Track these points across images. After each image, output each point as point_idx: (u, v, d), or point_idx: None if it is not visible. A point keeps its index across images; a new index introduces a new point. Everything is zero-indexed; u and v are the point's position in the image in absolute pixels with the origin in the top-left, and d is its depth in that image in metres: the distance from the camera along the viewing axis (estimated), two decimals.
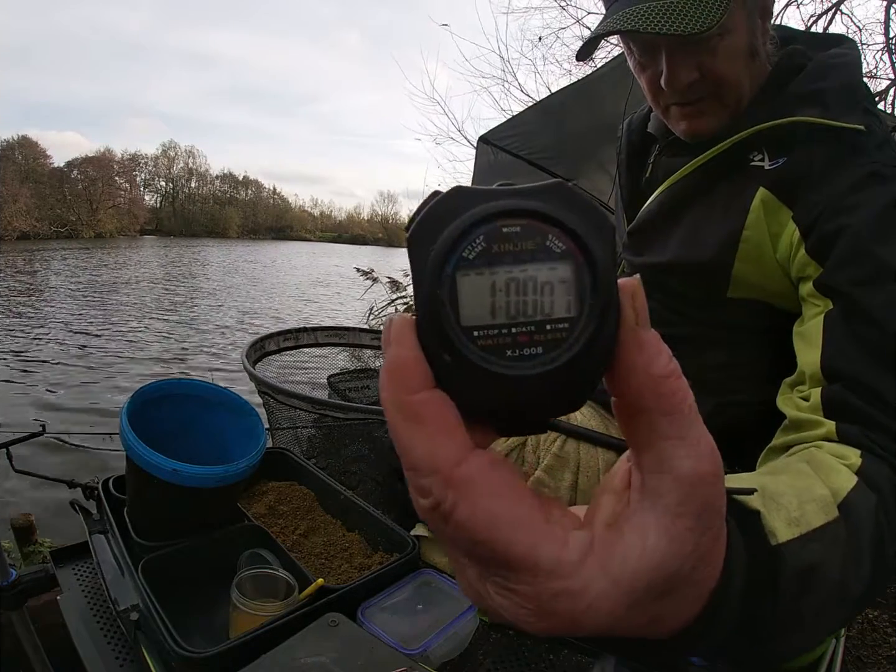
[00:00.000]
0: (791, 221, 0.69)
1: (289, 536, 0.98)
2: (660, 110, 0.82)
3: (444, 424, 0.19)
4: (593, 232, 0.18)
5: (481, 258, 0.18)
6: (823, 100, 0.69)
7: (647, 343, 0.19)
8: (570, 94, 1.93)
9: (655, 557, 0.20)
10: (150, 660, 0.70)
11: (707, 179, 0.79)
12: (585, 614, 0.19)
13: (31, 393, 4.72)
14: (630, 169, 0.96)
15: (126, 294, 10.88)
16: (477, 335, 0.18)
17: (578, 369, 0.18)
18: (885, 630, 1.86)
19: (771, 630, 0.33)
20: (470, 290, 0.18)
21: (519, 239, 0.18)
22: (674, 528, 0.20)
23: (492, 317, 0.18)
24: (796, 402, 0.61)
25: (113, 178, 45.97)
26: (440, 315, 0.18)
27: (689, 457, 0.20)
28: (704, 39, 0.70)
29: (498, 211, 0.18)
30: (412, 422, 0.18)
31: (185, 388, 1.01)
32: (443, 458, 0.18)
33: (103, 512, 0.96)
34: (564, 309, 0.18)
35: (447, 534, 0.19)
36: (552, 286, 0.18)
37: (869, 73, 3.88)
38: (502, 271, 0.18)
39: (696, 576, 0.22)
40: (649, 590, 0.20)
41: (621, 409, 0.21)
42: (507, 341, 0.18)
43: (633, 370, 0.19)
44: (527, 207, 0.18)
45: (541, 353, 0.18)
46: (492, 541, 0.18)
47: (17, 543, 1.93)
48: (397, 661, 0.63)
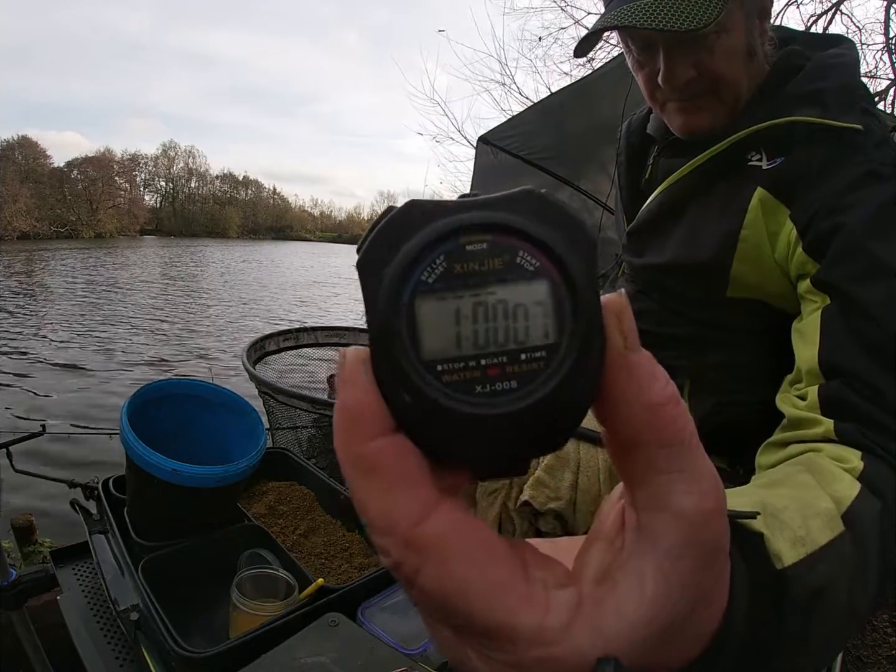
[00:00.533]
0: (789, 220, 0.69)
1: (289, 536, 0.98)
2: (657, 107, 0.82)
3: (402, 476, 0.16)
4: (570, 245, 0.16)
5: (443, 281, 0.16)
6: (822, 100, 0.70)
7: (638, 368, 0.17)
8: (570, 93, 1.93)
9: (655, 607, 0.18)
10: (150, 660, 0.71)
11: (705, 180, 0.79)
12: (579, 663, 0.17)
13: (31, 393, 4.72)
14: (630, 170, 0.96)
15: (126, 294, 10.88)
16: (440, 370, 0.15)
17: (560, 404, 0.16)
18: (885, 630, 1.86)
19: (776, 657, 0.31)
20: (431, 318, 0.15)
21: (485, 257, 0.16)
22: (674, 573, 0.18)
23: (457, 348, 0.16)
24: (793, 401, 0.61)
25: (113, 178, 46.00)
26: (397, 348, 0.15)
27: (691, 493, 0.18)
28: (702, 37, 0.70)
29: (459, 226, 0.16)
30: (366, 474, 0.16)
31: (185, 388, 1.01)
32: (401, 515, 0.16)
33: (103, 512, 0.96)
34: (541, 335, 0.16)
35: (413, 598, 0.17)
36: (526, 309, 0.16)
37: (869, 73, 3.89)
38: (468, 295, 0.16)
39: (697, 617, 0.20)
40: (647, 640, 0.18)
41: (614, 443, 0.19)
42: (476, 375, 0.16)
43: (624, 400, 0.17)
44: (492, 220, 0.16)
45: (515, 388, 0.16)
46: (464, 609, 0.16)
47: (17, 543, 1.93)
48: (397, 661, 0.63)
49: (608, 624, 0.17)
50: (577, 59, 1.04)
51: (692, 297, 0.82)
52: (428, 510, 0.16)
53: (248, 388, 1.82)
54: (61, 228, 35.79)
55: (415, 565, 0.16)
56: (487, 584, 0.16)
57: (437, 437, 0.16)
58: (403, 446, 0.16)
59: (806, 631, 0.33)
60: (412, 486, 0.16)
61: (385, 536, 0.16)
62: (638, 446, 0.17)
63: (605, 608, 0.17)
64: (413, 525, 0.16)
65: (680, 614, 0.18)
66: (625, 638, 0.17)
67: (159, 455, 0.81)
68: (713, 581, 0.20)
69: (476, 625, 0.16)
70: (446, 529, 0.16)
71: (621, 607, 0.17)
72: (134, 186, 50.83)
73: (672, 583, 0.18)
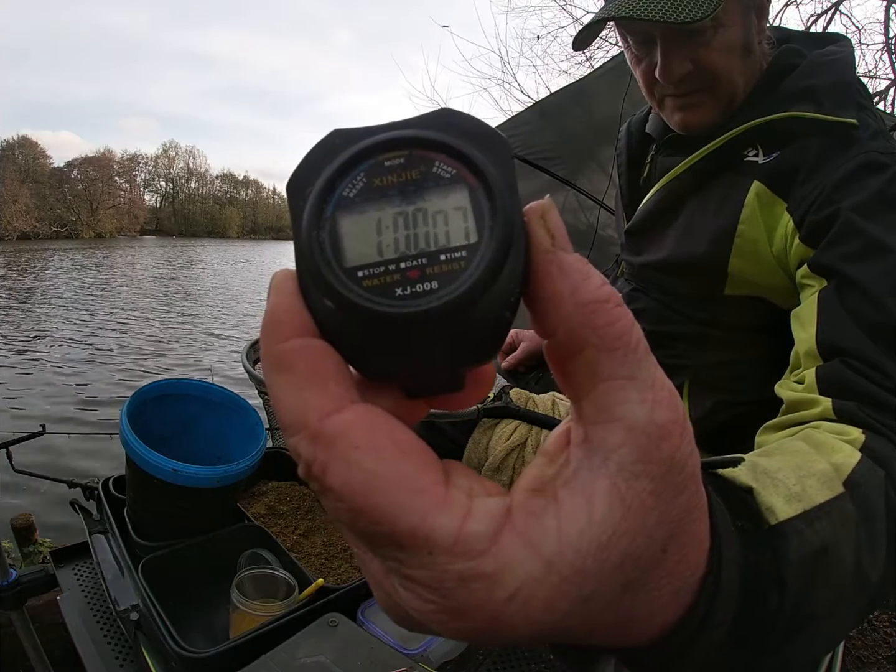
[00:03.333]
0: (786, 213, 0.69)
1: (289, 536, 0.98)
2: (654, 102, 0.83)
3: (316, 375, 0.16)
4: (485, 152, 0.16)
5: (363, 195, 0.16)
6: (816, 96, 0.70)
7: (569, 266, 0.16)
8: (568, 94, 1.93)
9: (607, 531, 0.15)
10: (150, 660, 0.71)
11: (702, 176, 0.79)
12: (509, 608, 0.15)
13: (31, 393, 4.72)
14: (630, 170, 0.96)
15: (125, 294, 10.88)
16: (361, 276, 0.16)
17: (482, 301, 0.15)
18: (885, 630, 1.86)
19: (779, 633, 0.27)
20: (352, 229, 0.16)
21: (403, 170, 0.16)
22: (630, 495, 0.16)
23: (378, 255, 0.16)
24: (791, 385, 0.60)
25: (113, 178, 46.03)
26: (318, 257, 0.16)
27: (644, 401, 0.16)
28: (699, 32, 0.71)
29: (376, 143, 0.16)
30: (280, 372, 0.16)
31: (185, 388, 1.01)
32: (311, 409, 0.15)
33: (103, 512, 0.96)
34: (462, 237, 0.16)
35: (327, 507, 0.16)
36: (445, 215, 0.16)
37: (869, 73, 3.89)
38: (388, 207, 0.16)
39: (670, 560, 0.18)
40: (607, 575, 0.16)
41: (554, 355, 0.17)
42: (397, 278, 0.16)
43: (557, 296, 0.16)
44: (407, 136, 0.16)
45: (436, 288, 0.15)
46: (371, 508, 0.15)
47: (17, 543, 1.93)
48: (397, 661, 0.63)
49: (546, 542, 0.15)
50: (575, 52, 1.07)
51: (691, 294, 0.82)
52: (340, 406, 0.15)
53: (248, 389, 1.82)
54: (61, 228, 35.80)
55: (322, 462, 0.15)
56: (398, 478, 0.15)
57: (359, 344, 0.16)
58: (321, 348, 0.16)
59: (811, 598, 0.29)
60: (325, 385, 0.16)
61: (296, 435, 0.16)
62: (579, 350, 0.16)
63: (542, 523, 0.15)
64: (322, 418, 0.15)
65: (642, 553, 0.16)
66: (567, 564, 0.15)
67: (159, 455, 0.81)
68: (684, 512, 0.17)
69: (387, 529, 0.15)
70: (357, 421, 0.15)
71: (564, 526, 0.15)
72: (134, 186, 50.85)
73: (628, 506, 0.16)
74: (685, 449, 0.17)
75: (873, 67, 3.94)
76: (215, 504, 0.90)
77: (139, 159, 54.09)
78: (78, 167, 43.42)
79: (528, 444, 0.88)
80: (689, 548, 0.18)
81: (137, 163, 53.33)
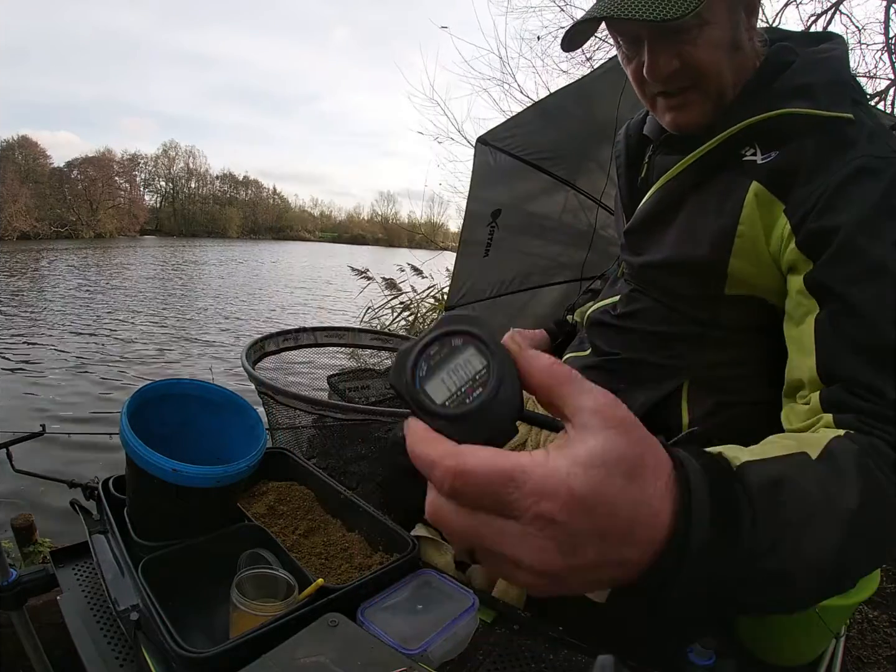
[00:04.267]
0: (783, 214, 0.69)
1: (289, 536, 0.97)
2: (647, 102, 0.83)
3: (435, 441, 0.31)
4: (472, 325, 0.32)
5: (431, 370, 0.32)
6: (811, 93, 0.70)
7: (531, 355, 0.32)
8: (567, 94, 1.92)
9: (597, 446, 0.29)
10: (150, 660, 0.70)
11: (700, 176, 0.79)
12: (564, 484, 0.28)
13: (31, 393, 4.72)
14: (629, 171, 0.96)
15: (125, 294, 10.87)
16: (448, 404, 0.31)
17: (506, 387, 0.31)
18: (885, 630, 1.86)
19: (761, 538, 0.35)
20: (434, 388, 0.32)
21: (440, 351, 0.32)
22: (604, 434, 0.29)
23: (449, 391, 0.31)
24: (796, 411, 0.63)
25: (113, 178, 45.91)
26: (426, 405, 0.31)
27: (592, 396, 0.30)
28: (685, 30, 0.71)
29: (421, 346, 0.32)
30: (421, 445, 0.31)
31: (185, 388, 1.01)
32: (436, 455, 0.30)
33: (103, 512, 0.96)
34: (481, 365, 0.31)
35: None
36: (468, 360, 0.31)
37: (868, 72, 3.88)
38: (443, 371, 0.32)
39: (650, 460, 0.30)
40: (611, 466, 0.28)
41: (543, 399, 0.32)
42: (462, 398, 0.31)
43: (533, 371, 0.31)
44: (432, 337, 0.32)
45: (481, 392, 0.31)
46: (489, 469, 0.28)
47: (17, 543, 1.93)
48: (397, 661, 0.63)
49: (569, 454, 0.29)
50: (565, 52, 1.07)
51: (691, 295, 0.82)
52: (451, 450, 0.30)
53: (248, 389, 1.82)
54: (61, 228, 35.72)
55: (451, 469, 0.29)
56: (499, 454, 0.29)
57: (461, 430, 0.31)
58: (437, 436, 0.31)
59: (780, 510, 0.37)
60: (441, 444, 0.30)
61: (429, 468, 0.30)
62: (552, 390, 0.31)
63: (565, 452, 0.29)
64: (443, 456, 0.29)
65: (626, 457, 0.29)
66: (581, 464, 0.28)
67: (159, 455, 0.81)
68: (643, 438, 0.31)
69: (496, 477, 0.28)
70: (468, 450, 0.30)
71: (574, 451, 0.29)
72: (134, 186, 50.71)
73: (606, 437, 0.29)
74: (626, 412, 0.31)
75: (873, 67, 3.94)
76: (215, 504, 0.90)
77: (139, 159, 53.98)
78: (78, 167, 43.33)
79: (527, 444, 0.88)
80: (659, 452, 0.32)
81: (137, 163, 53.21)
